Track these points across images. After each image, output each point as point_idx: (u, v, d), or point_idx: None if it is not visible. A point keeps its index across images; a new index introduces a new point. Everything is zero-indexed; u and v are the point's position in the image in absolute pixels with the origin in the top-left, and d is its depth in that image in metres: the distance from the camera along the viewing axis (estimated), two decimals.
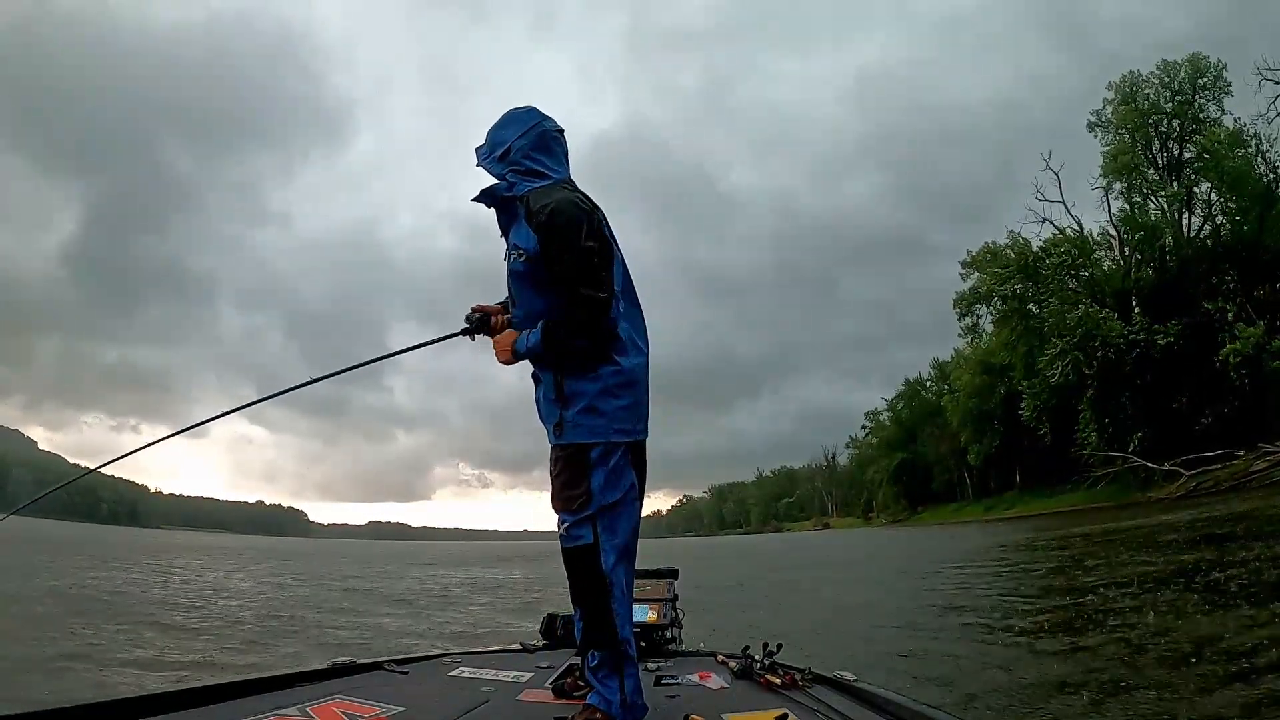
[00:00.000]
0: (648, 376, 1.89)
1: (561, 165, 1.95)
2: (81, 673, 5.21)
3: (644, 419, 1.88)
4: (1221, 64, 35.00)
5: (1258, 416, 28.69)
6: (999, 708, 4.15)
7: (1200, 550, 10.35)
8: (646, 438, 1.90)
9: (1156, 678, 4.25)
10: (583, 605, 1.78)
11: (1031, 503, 44.01)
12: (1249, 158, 33.50)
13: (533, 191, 1.84)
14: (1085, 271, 37.94)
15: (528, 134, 1.90)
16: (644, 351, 1.89)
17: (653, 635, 3.04)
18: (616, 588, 1.76)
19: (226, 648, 6.71)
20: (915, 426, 69.55)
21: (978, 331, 43.88)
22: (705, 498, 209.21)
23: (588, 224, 1.78)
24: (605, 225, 1.88)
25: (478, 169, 1.94)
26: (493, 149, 1.92)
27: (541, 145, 1.91)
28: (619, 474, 1.78)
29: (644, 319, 1.94)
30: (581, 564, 1.76)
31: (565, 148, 1.98)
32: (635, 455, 1.87)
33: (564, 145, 1.98)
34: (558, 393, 1.79)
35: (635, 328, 1.90)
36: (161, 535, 74.55)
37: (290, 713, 1.76)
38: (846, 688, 2.14)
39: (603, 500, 1.75)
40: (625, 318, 1.87)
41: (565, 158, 1.97)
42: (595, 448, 1.75)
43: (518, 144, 1.89)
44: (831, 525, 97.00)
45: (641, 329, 1.92)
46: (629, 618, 1.79)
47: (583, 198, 1.87)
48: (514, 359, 1.88)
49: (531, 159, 1.89)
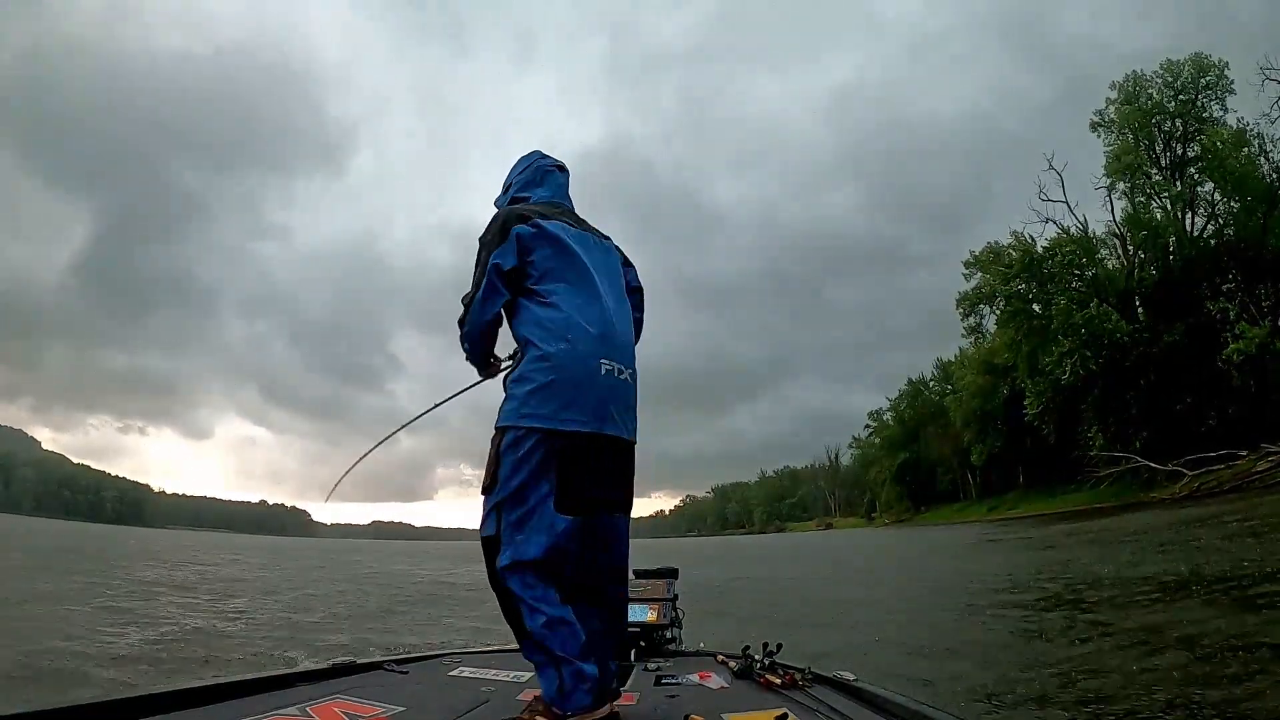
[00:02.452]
0: (590, 368, 1.75)
1: (549, 192, 2.09)
2: (81, 673, 5.21)
3: (574, 408, 1.71)
4: (1224, 63, 34.98)
5: (1261, 417, 28.61)
6: (999, 708, 4.14)
7: (1204, 550, 10.33)
8: (583, 431, 1.72)
9: (1157, 678, 4.24)
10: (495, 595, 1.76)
11: (1035, 503, 43.94)
12: (1252, 157, 33.40)
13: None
14: (1089, 271, 37.92)
15: (526, 170, 2.12)
16: (583, 340, 1.76)
17: (653, 635, 3.04)
18: (514, 591, 1.69)
19: (228, 648, 6.73)
20: (918, 426, 69.53)
21: (981, 331, 43.90)
22: (708, 498, 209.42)
23: (496, 221, 1.89)
24: (541, 221, 1.88)
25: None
26: (503, 189, 2.16)
27: (534, 178, 2.10)
28: (526, 463, 1.69)
29: (606, 309, 1.84)
30: (487, 555, 1.74)
31: (561, 180, 2.13)
32: (576, 456, 1.73)
33: (559, 177, 2.13)
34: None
35: (580, 315, 1.79)
36: (168, 535, 74.71)
37: (290, 713, 1.76)
38: (846, 688, 2.14)
39: (506, 489, 1.70)
40: (562, 307, 1.79)
41: (559, 187, 2.12)
42: (507, 432, 1.73)
43: (517, 179, 2.12)
44: (834, 525, 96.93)
45: (593, 317, 1.80)
46: (542, 610, 1.68)
47: (530, 207, 1.95)
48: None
49: (523, 189, 2.09)
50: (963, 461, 59.96)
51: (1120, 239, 39.02)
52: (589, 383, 1.74)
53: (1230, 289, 33.39)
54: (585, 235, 1.97)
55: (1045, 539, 18.56)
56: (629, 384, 1.85)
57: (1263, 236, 32.36)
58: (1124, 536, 14.91)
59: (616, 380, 1.79)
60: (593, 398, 1.74)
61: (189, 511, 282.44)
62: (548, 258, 1.85)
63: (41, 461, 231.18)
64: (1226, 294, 33.23)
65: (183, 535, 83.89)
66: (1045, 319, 37.60)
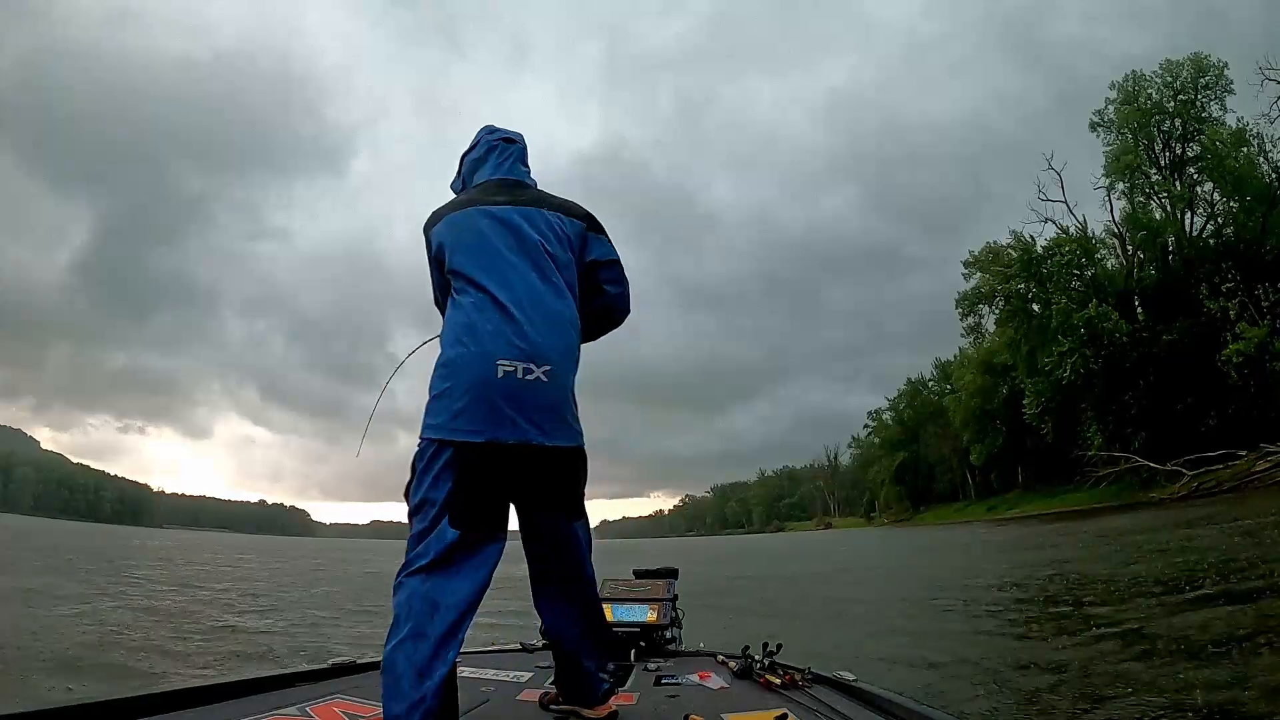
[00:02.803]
0: (483, 370, 1.59)
1: (492, 168, 1.92)
2: (82, 673, 5.21)
3: (464, 416, 1.57)
4: (1223, 63, 34.99)
5: (1260, 417, 28.64)
6: (999, 708, 4.15)
7: (1203, 550, 10.33)
8: (473, 441, 1.57)
9: (1157, 678, 4.24)
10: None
11: (1034, 502, 43.98)
12: (1251, 157, 33.43)
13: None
14: (1089, 271, 37.96)
15: (474, 149, 1.98)
16: (479, 340, 1.61)
17: (652, 635, 3.04)
18: (395, 605, 1.56)
19: (226, 648, 6.73)
20: (918, 426, 69.61)
21: (980, 331, 43.95)
22: (707, 497, 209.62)
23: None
24: (452, 214, 1.79)
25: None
26: (457, 171, 2.04)
27: (481, 155, 1.95)
28: (428, 475, 1.59)
29: (517, 299, 1.65)
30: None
31: (511, 151, 1.95)
32: (468, 468, 1.58)
33: (509, 149, 1.95)
34: None
35: (478, 313, 1.65)
36: (169, 535, 74.70)
37: (290, 713, 1.76)
38: (846, 688, 2.14)
39: (412, 502, 1.61)
40: (464, 306, 1.68)
41: (508, 158, 1.94)
42: (420, 443, 1.64)
43: (466, 161, 1.99)
44: (834, 525, 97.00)
45: (494, 314, 1.64)
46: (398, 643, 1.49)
47: (447, 204, 1.85)
48: None
49: (471, 170, 1.96)
50: (962, 461, 60.03)
51: (1119, 239, 39.08)
52: (482, 387, 1.58)
53: (1229, 289, 33.39)
54: (512, 212, 1.76)
55: (1043, 539, 18.57)
56: (542, 383, 1.61)
57: (1262, 236, 32.40)
58: (1121, 536, 14.91)
59: (520, 381, 1.59)
60: (485, 403, 1.58)
61: (188, 511, 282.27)
62: (459, 253, 1.73)
63: (41, 461, 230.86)
64: (1226, 294, 33.24)
65: (184, 535, 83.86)
66: (1045, 319, 37.62)
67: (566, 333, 1.71)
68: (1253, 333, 29.48)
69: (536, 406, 1.61)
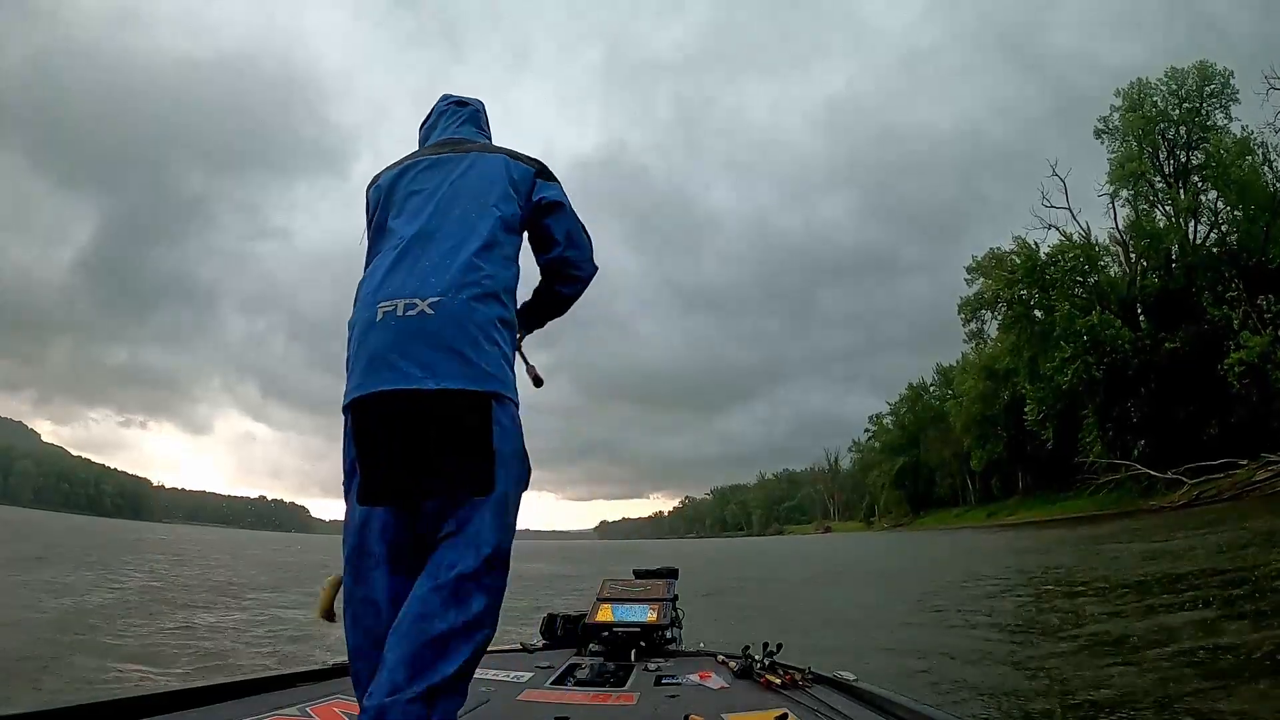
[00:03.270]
0: (367, 319, 1.41)
1: (440, 132, 1.77)
2: (81, 674, 5.22)
3: (352, 373, 1.42)
4: (1229, 71, 34.98)
5: (1262, 426, 28.59)
6: (998, 708, 4.14)
7: (1201, 557, 10.32)
8: (355, 396, 1.39)
9: (1156, 682, 4.24)
10: None
11: (1034, 509, 43.96)
12: (1256, 166, 33.41)
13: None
14: (1091, 278, 37.95)
15: (429, 115, 1.85)
16: (369, 292, 1.45)
17: (652, 635, 3.03)
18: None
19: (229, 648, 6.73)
20: (918, 431, 69.55)
21: (982, 336, 43.96)
22: (707, 499, 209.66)
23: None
24: (386, 174, 1.66)
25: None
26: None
27: (431, 122, 1.82)
28: (343, 455, 1.46)
29: (415, 236, 1.47)
30: None
31: (461, 113, 1.80)
32: (358, 430, 1.41)
33: (459, 112, 1.80)
34: None
35: (379, 266, 1.48)
36: (170, 530, 74.79)
37: (290, 713, 1.77)
38: (847, 688, 2.14)
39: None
40: (371, 264, 1.53)
41: (453, 121, 1.79)
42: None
43: (422, 128, 1.85)
44: (833, 529, 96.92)
45: (390, 258, 1.46)
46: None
47: (387, 167, 1.70)
48: None
49: (424, 138, 1.82)
50: (963, 466, 59.98)
51: (1123, 246, 39.04)
52: (363, 334, 1.41)
53: (1233, 297, 33.38)
54: (445, 159, 1.61)
55: (1041, 545, 18.53)
56: (427, 315, 1.36)
57: (1265, 245, 32.35)
58: (1119, 544, 14.91)
59: (400, 319, 1.37)
60: (365, 351, 1.39)
61: (188, 506, 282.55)
62: (381, 209, 1.60)
63: (41, 454, 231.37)
64: (1229, 302, 33.22)
65: (184, 530, 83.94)
66: (1047, 325, 37.61)
67: (467, 261, 1.43)
68: (1255, 341, 29.42)
69: (422, 344, 1.35)
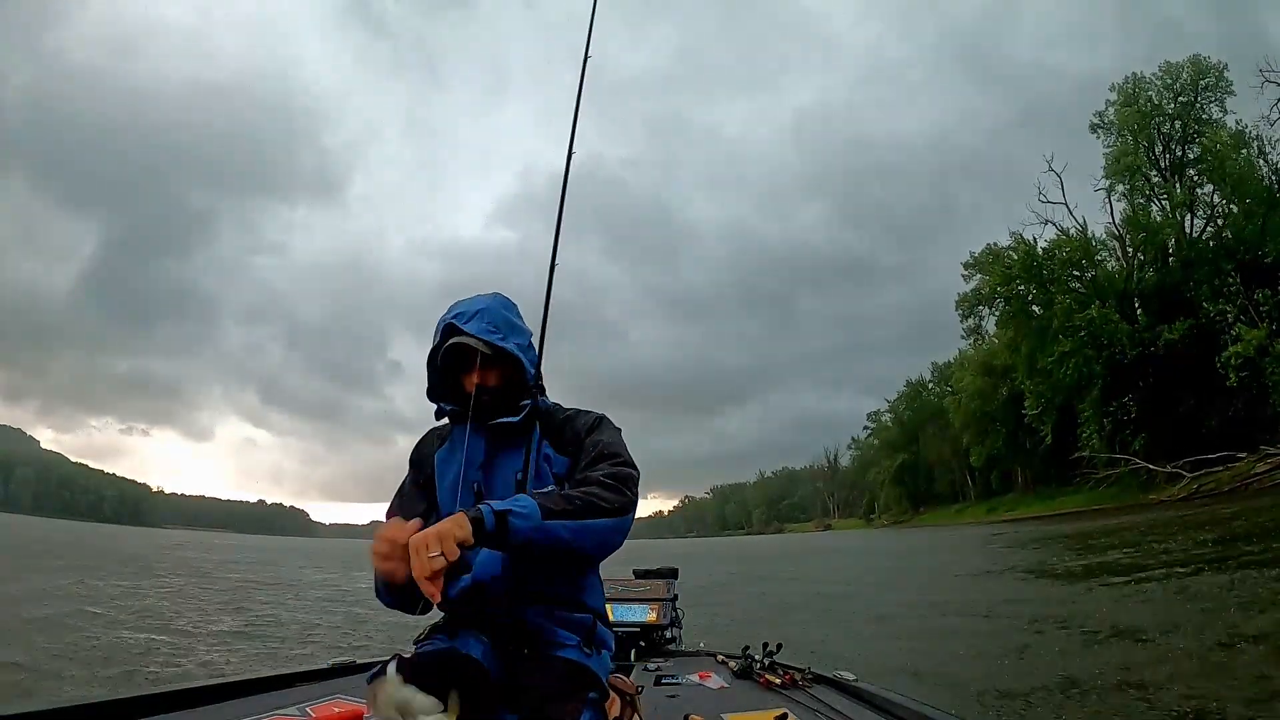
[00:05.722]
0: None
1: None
2: (82, 673, 5.21)
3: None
4: (1223, 65, 34.98)
5: (1260, 419, 28.62)
6: (998, 708, 4.14)
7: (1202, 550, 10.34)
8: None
9: (1154, 679, 4.24)
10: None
11: (1033, 504, 43.97)
12: (1251, 159, 33.43)
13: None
14: (1089, 273, 37.99)
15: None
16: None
17: (653, 635, 3.04)
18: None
19: (228, 648, 6.73)
20: (917, 428, 69.55)
21: (980, 333, 43.93)
22: (707, 498, 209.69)
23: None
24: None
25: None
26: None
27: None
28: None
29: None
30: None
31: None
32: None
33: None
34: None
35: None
36: (170, 535, 74.66)
37: (290, 713, 1.76)
38: (846, 688, 2.14)
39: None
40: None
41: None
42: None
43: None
44: (833, 526, 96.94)
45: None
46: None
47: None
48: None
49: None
50: (962, 463, 59.98)
51: (1120, 240, 39.06)
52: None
53: (1230, 291, 33.39)
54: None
55: (1039, 540, 18.55)
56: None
57: (1261, 239, 32.37)
58: (1117, 538, 14.93)
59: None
60: None
61: (188, 511, 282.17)
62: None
63: (40, 461, 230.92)
64: (1225, 296, 33.24)
65: (184, 535, 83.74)
66: (1045, 319, 37.63)
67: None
68: (1252, 335, 29.45)
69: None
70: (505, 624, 1.31)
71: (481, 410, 1.39)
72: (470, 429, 1.40)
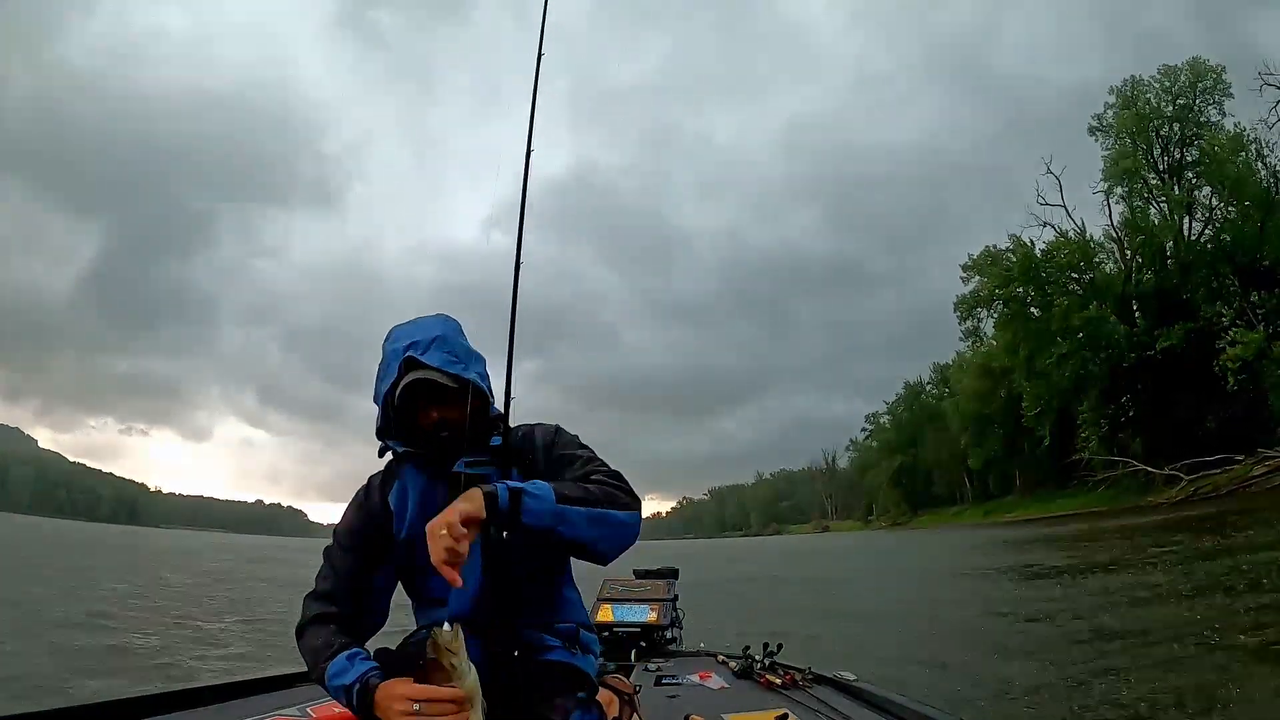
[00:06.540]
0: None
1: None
2: (82, 673, 5.20)
3: None
4: (1221, 68, 35.06)
5: (1258, 421, 28.67)
6: (998, 708, 4.15)
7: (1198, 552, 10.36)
8: None
9: (1150, 679, 4.24)
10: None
11: (1031, 506, 43.98)
12: (1249, 162, 33.50)
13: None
14: (1087, 275, 38.04)
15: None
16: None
17: (653, 635, 3.03)
18: None
19: (229, 648, 6.72)
20: (916, 430, 69.55)
21: (979, 335, 43.97)
22: (705, 500, 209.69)
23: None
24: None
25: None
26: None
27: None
28: None
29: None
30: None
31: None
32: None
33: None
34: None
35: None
36: (168, 536, 74.54)
37: (290, 713, 1.76)
38: (847, 688, 2.14)
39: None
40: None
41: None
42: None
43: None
44: (831, 528, 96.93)
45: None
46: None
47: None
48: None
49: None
50: (960, 465, 59.99)
51: (1118, 243, 39.11)
52: None
53: (1228, 293, 33.45)
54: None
55: (1037, 542, 18.56)
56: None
57: (1259, 242, 32.44)
58: (1114, 540, 14.96)
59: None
60: None
61: (186, 511, 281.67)
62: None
63: (38, 460, 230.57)
64: (1224, 298, 33.30)
65: (183, 535, 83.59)
66: (1044, 322, 37.67)
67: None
68: (1250, 337, 29.49)
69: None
70: (494, 631, 1.28)
71: (443, 449, 1.28)
72: (430, 473, 1.30)
